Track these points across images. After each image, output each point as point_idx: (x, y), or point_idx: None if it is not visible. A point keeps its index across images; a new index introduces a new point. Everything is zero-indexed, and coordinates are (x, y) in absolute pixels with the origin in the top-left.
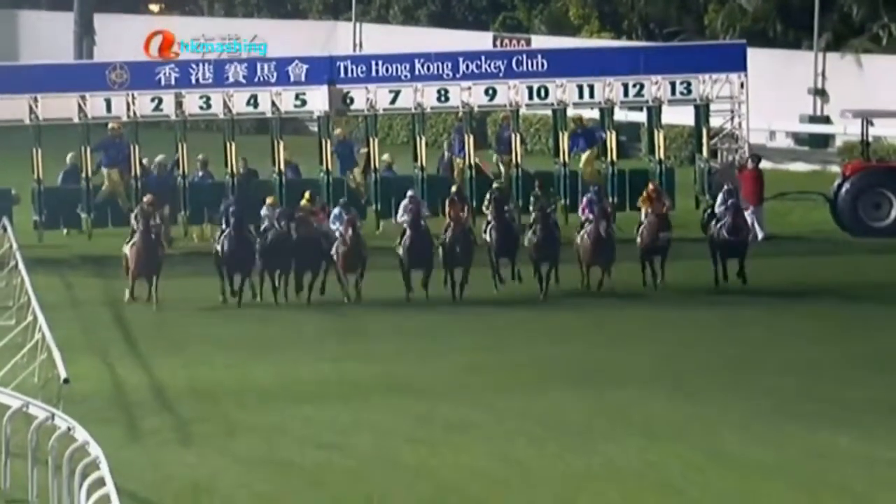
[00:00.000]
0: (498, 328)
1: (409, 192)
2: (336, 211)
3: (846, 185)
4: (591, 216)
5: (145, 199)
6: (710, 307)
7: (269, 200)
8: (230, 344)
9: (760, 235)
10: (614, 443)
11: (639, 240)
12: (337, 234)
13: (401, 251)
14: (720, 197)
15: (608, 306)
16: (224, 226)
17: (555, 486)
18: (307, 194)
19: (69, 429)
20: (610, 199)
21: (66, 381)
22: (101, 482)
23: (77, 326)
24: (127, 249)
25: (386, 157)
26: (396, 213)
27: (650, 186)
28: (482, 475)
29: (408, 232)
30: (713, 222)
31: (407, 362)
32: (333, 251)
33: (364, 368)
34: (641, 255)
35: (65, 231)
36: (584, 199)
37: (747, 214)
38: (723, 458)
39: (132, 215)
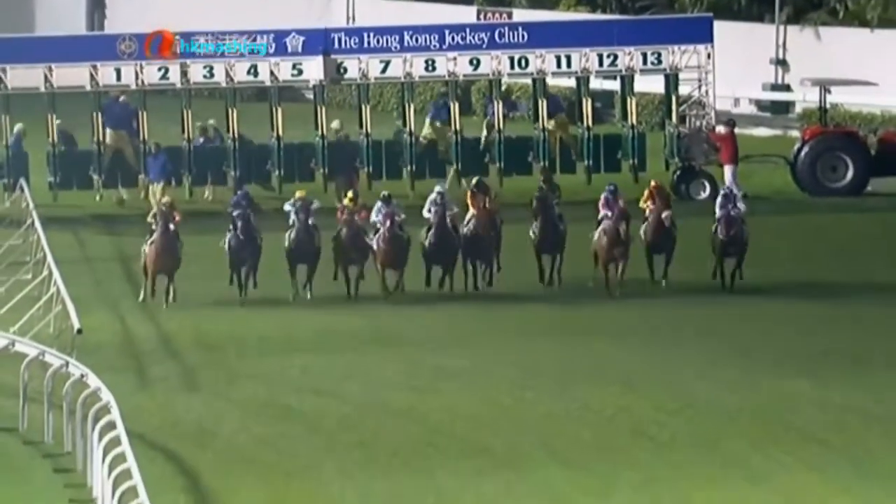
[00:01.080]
0: (485, 290)
1: (438, 188)
2: (378, 205)
3: (805, 149)
4: (608, 213)
5: (164, 199)
6: (679, 267)
7: (298, 194)
8: (233, 298)
9: (739, 194)
10: (590, 389)
11: (642, 236)
12: (377, 226)
13: (425, 245)
14: (718, 199)
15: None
16: (230, 226)
17: (535, 427)
18: (350, 193)
19: (82, 376)
20: (587, 162)
21: (79, 331)
22: (112, 425)
23: (90, 281)
24: (146, 248)
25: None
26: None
27: (652, 184)
28: (468, 418)
29: (433, 229)
30: (713, 226)
31: (397, 317)
32: (374, 246)
33: (357, 322)
34: (646, 252)
35: (99, 196)
36: (602, 197)
37: (727, 173)
38: (692, 404)
39: (150, 214)
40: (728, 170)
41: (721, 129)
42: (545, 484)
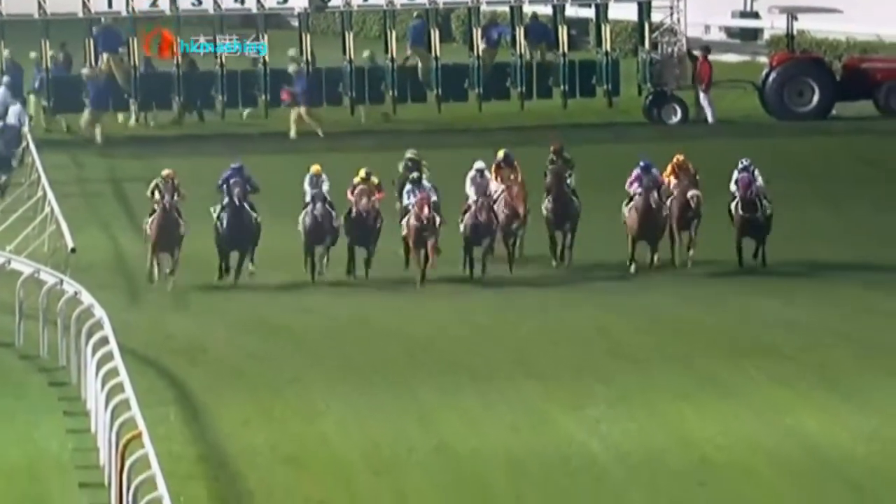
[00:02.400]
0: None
1: (478, 165)
2: (409, 187)
3: (773, 75)
4: (640, 190)
5: (164, 172)
6: None
7: (313, 169)
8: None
9: (711, 119)
10: (568, 312)
11: (667, 212)
12: (410, 207)
13: (462, 228)
14: (735, 173)
15: None
16: (225, 199)
17: (514, 346)
18: (362, 171)
19: (76, 293)
20: (563, 87)
21: (72, 250)
22: (104, 341)
23: (83, 201)
24: (147, 225)
25: (366, 53)
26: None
27: (675, 159)
28: (449, 337)
29: (472, 208)
30: (731, 201)
31: (381, 242)
32: (403, 226)
33: (342, 247)
34: (671, 229)
35: (64, 127)
36: (634, 172)
37: (702, 99)
38: (664, 321)
39: (150, 187)
40: (704, 96)
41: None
42: (522, 399)
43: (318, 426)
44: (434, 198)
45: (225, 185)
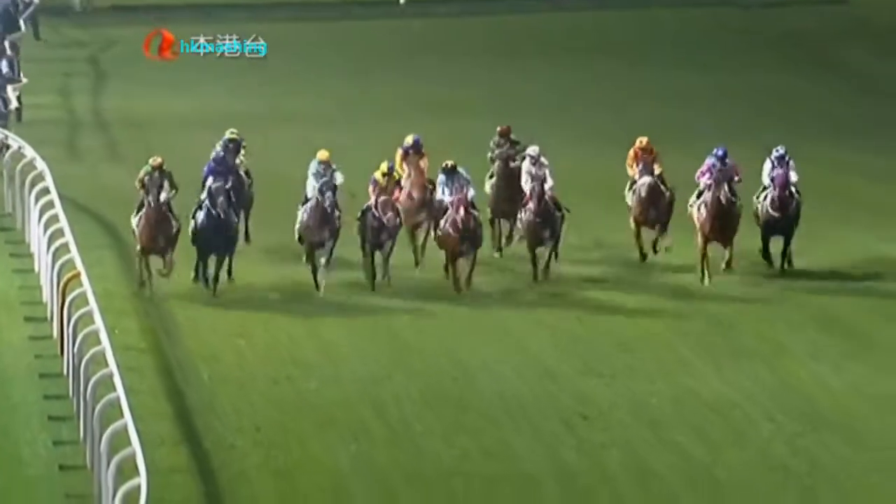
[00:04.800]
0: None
1: (531, 150)
2: (441, 177)
3: None
4: (709, 181)
5: (153, 161)
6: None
7: (320, 155)
8: (154, 80)
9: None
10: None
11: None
12: (446, 205)
13: (519, 225)
14: (767, 164)
15: None
16: (202, 197)
17: None
18: (383, 166)
19: (19, 147)
20: None
21: (17, 109)
22: (46, 191)
23: (26, 62)
24: (134, 222)
25: None
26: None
27: (638, 141)
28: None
29: (530, 204)
30: (759, 196)
31: (293, 95)
32: (440, 230)
33: (262, 104)
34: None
35: None
36: (707, 161)
37: None
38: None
39: (139, 176)
40: None
41: None
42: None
43: (240, 268)
44: (471, 193)
45: (207, 179)
